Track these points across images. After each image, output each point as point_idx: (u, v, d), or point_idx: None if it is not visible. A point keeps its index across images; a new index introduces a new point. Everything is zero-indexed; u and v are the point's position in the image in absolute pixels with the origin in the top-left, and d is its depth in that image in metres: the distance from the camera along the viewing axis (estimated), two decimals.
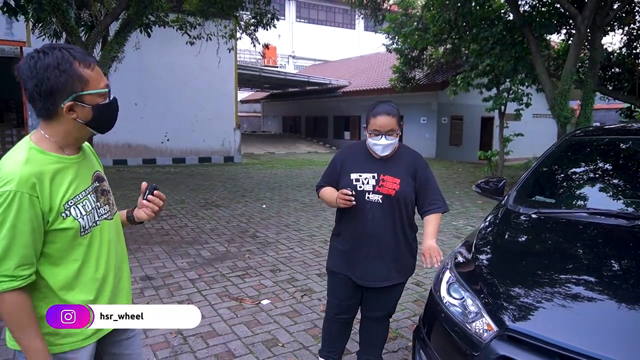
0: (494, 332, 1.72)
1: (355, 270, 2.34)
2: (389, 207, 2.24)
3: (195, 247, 5.34)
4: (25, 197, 1.23)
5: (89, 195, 1.42)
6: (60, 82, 1.26)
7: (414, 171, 2.31)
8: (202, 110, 14.68)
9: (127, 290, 1.61)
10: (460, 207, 8.16)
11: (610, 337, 1.56)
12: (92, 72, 1.32)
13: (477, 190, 3.07)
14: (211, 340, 3.13)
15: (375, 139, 2.23)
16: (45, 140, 1.33)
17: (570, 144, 3.11)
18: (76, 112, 1.31)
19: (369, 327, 2.53)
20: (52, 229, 1.31)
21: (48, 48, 1.28)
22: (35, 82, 1.25)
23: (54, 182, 1.30)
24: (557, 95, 9.10)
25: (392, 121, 2.22)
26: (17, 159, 1.27)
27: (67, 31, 7.45)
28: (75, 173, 1.38)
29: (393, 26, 15.39)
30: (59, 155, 1.35)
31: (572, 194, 2.76)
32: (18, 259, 1.24)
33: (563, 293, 1.80)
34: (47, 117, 1.32)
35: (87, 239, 1.40)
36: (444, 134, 18.33)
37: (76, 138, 1.39)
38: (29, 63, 1.26)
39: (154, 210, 1.60)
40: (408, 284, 4.24)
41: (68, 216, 1.33)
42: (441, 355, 1.96)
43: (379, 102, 2.30)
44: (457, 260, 2.21)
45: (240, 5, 10.76)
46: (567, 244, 2.20)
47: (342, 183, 2.31)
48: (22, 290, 1.26)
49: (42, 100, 1.27)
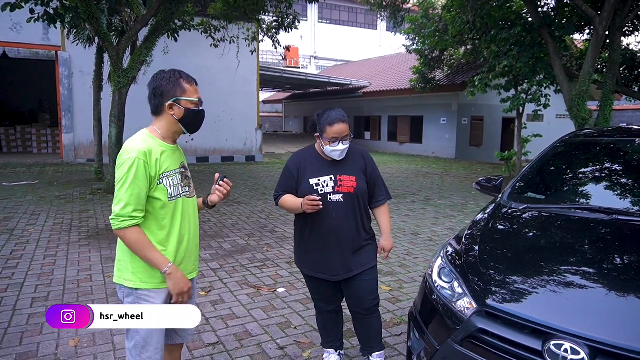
0: (475, 309, 1.96)
1: (326, 269, 2.51)
2: (350, 204, 2.45)
3: (217, 240, 5.69)
4: (141, 162, 1.79)
5: (177, 174, 1.95)
6: (168, 88, 1.87)
7: (364, 166, 2.53)
8: (225, 111, 15.12)
9: (196, 256, 2.10)
10: (475, 206, 8.31)
11: (577, 313, 1.78)
12: (190, 86, 1.91)
13: (477, 188, 3.29)
14: (230, 322, 3.44)
15: (333, 146, 2.39)
16: (154, 131, 1.93)
17: (565, 145, 3.30)
18: (174, 110, 1.89)
19: (362, 322, 2.63)
20: (152, 190, 1.84)
21: (169, 70, 1.92)
22: (154, 86, 1.88)
23: (157, 158, 1.85)
24: (574, 96, 9.12)
25: (346, 127, 2.41)
26: (137, 139, 1.87)
27: (99, 37, 7.94)
28: (170, 156, 1.93)
29: (413, 27, 15.52)
30: (162, 142, 1.92)
31: (561, 191, 2.96)
32: (134, 204, 1.78)
33: (538, 276, 2.03)
34: (157, 113, 1.91)
35: (173, 204, 1.92)
36: (464, 135, 18.33)
37: (173, 132, 1.95)
38: (155, 76, 1.91)
39: (224, 193, 2.11)
40: (414, 275, 4.49)
41: (161, 184, 1.87)
42: (431, 331, 2.21)
43: (328, 110, 2.48)
44: (447, 250, 2.46)
45: (262, 8, 11.12)
46: (550, 236, 2.41)
47: (303, 189, 2.44)
48: (138, 226, 1.81)
49: (156, 99, 1.88)
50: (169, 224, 1.92)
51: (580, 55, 12.40)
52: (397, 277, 4.46)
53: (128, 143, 1.86)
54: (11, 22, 11.55)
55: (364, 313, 2.60)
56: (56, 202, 7.70)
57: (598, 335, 1.62)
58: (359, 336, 2.75)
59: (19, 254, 4.95)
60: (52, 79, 14.06)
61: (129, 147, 1.83)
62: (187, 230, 1.99)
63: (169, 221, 1.92)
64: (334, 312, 2.73)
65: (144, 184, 1.81)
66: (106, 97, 10.19)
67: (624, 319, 1.69)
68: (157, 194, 1.86)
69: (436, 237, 6.08)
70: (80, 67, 12.86)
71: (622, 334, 1.61)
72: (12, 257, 4.82)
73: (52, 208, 7.26)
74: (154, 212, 1.87)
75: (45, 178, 10.30)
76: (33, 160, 13.28)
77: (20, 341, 3.07)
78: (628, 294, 1.83)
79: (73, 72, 13.01)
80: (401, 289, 4.17)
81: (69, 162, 13.13)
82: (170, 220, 1.92)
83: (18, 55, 14.72)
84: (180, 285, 1.88)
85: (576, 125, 9.27)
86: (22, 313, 3.50)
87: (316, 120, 2.51)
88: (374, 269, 2.59)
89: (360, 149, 2.61)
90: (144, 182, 1.80)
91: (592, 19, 8.87)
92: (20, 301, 3.73)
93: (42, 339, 3.09)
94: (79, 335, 3.15)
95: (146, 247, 1.82)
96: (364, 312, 2.59)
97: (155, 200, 1.87)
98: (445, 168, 14.82)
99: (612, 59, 9.56)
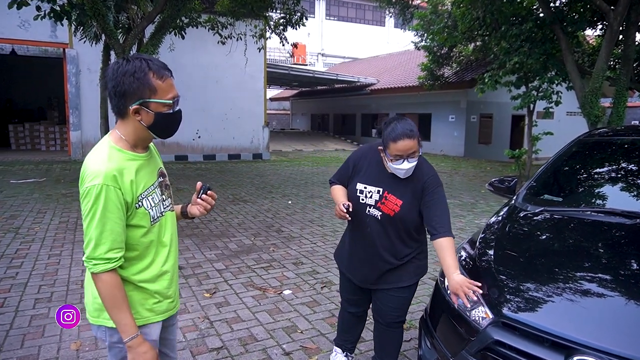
0: (490, 319, 1.86)
1: (356, 273, 2.45)
2: (387, 225, 2.25)
3: (223, 240, 5.61)
4: (110, 189, 1.42)
5: (156, 189, 1.61)
6: (132, 87, 1.45)
7: (421, 190, 2.20)
8: (232, 108, 15.06)
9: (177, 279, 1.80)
10: (484, 205, 8.17)
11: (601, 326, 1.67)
12: (162, 83, 1.48)
13: (490, 189, 3.18)
14: (235, 325, 3.36)
15: (397, 163, 2.11)
16: (120, 140, 1.53)
17: (582, 144, 3.17)
18: (141, 115, 1.49)
19: (381, 333, 2.52)
20: (129, 218, 1.50)
21: (132, 57, 1.49)
22: (114, 83, 1.46)
23: (132, 179, 1.50)
24: (587, 93, 8.92)
25: (414, 143, 2.09)
26: (101, 157, 1.47)
27: (106, 34, 7.87)
28: (145, 169, 1.57)
29: (422, 24, 15.34)
30: (133, 153, 1.54)
31: (579, 193, 2.84)
32: (110, 243, 1.43)
33: (558, 285, 1.92)
34: (119, 115, 1.52)
35: (156, 227, 1.59)
36: (473, 132, 18.12)
37: (141, 138, 1.56)
38: (113, 67, 1.48)
39: (206, 208, 1.75)
40: (425, 279, 4.37)
41: (140, 207, 1.53)
42: (443, 340, 2.11)
43: (396, 121, 2.14)
44: (461, 255, 2.35)
45: (270, 5, 11.02)
46: (569, 241, 2.30)
47: (350, 188, 2.35)
48: (114, 271, 1.46)
49: (115, 99, 1.48)
50: (153, 252, 1.59)
51: (592, 52, 12.16)
52: None
53: (90, 163, 1.46)
54: (19, 20, 11.56)
55: (384, 325, 2.48)
56: (62, 200, 7.68)
57: (625, 351, 1.51)
58: (375, 345, 2.63)
59: (23, 252, 4.91)
60: (60, 77, 14.07)
61: (92, 170, 1.44)
62: (173, 252, 1.69)
63: (154, 249, 1.60)
64: (356, 315, 2.65)
65: (118, 215, 1.45)
66: None
67: None
68: (136, 220, 1.52)
69: None
70: (87, 65, 12.85)
71: None
72: (16, 256, 4.78)
73: (58, 206, 7.23)
74: (134, 242, 1.53)
75: (52, 175, 10.30)
76: (41, 158, 13.32)
77: (21, 344, 3.01)
78: None
79: (80, 70, 13.01)
80: None
81: (76, 159, 13.14)
82: (155, 247, 1.60)
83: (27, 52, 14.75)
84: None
85: (588, 123, 9.08)
86: (25, 314, 3.45)
87: (382, 129, 2.18)
88: (410, 288, 2.40)
89: (430, 170, 2.25)
90: (118, 213, 1.45)
91: (606, 14, 8.66)
92: (23, 302, 3.68)
93: (44, 342, 3.03)
94: (81, 338, 3.08)
95: (118, 305, 1.46)
96: (385, 324, 2.47)
97: (135, 229, 1.52)
98: (453, 166, 14.65)
99: (626, 55, 9.34)
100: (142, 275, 1.58)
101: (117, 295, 1.46)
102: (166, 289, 1.65)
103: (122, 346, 1.55)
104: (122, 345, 1.54)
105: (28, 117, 16.68)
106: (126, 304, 1.49)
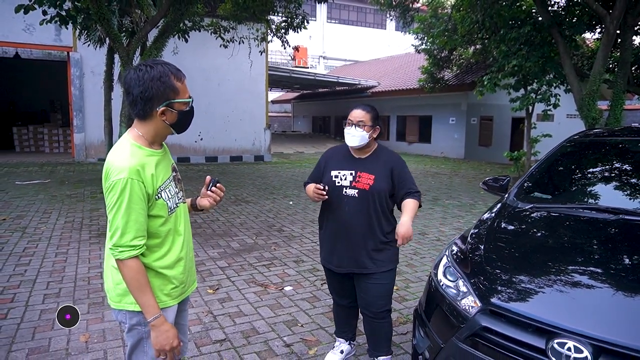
0: (479, 307, 1.98)
1: (332, 259, 2.59)
2: (364, 201, 2.47)
3: (225, 239, 5.73)
4: (134, 182, 1.56)
5: (171, 183, 1.75)
6: (160, 90, 1.58)
7: (390, 169, 2.52)
8: (234, 111, 15.20)
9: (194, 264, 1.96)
10: (483, 205, 8.28)
11: (580, 312, 1.78)
12: (181, 84, 1.65)
13: (484, 187, 3.29)
14: (238, 319, 3.48)
15: (347, 128, 2.51)
16: (139, 138, 1.67)
17: (572, 145, 3.28)
18: (166, 116, 1.64)
19: (371, 325, 2.64)
20: (150, 208, 1.64)
21: (153, 63, 1.61)
22: (141, 89, 1.57)
23: (152, 173, 1.63)
24: (585, 95, 9.04)
25: (364, 114, 2.50)
26: (124, 153, 1.60)
27: (110, 37, 8.02)
28: (161, 164, 1.71)
29: (422, 27, 15.48)
30: (151, 150, 1.68)
31: (568, 191, 2.95)
32: (134, 232, 1.57)
33: (542, 277, 2.03)
34: (143, 118, 1.64)
35: (173, 217, 1.74)
36: (473, 135, 18.22)
37: (160, 136, 1.71)
38: (137, 73, 1.58)
39: (216, 199, 1.91)
40: (421, 275, 4.50)
41: (159, 198, 1.66)
42: (436, 329, 2.22)
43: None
44: (452, 249, 2.47)
45: (271, 9, 11.16)
46: (555, 235, 2.41)
47: (324, 179, 2.57)
48: (138, 257, 1.60)
49: (142, 103, 1.59)
50: (170, 240, 1.73)
51: (590, 55, 12.28)
52: (404, 277, 4.46)
53: (115, 160, 1.59)
54: (24, 24, 11.72)
55: (371, 316, 2.60)
56: (67, 201, 7.81)
57: (601, 334, 1.62)
58: (367, 338, 2.76)
59: (31, 251, 5.04)
60: (63, 80, 14.23)
61: (117, 166, 1.56)
62: (187, 240, 1.84)
63: (171, 237, 1.74)
64: (347, 306, 2.78)
65: (141, 206, 1.58)
66: (117, 97, 10.32)
67: (628, 318, 1.69)
68: (156, 210, 1.65)
69: (443, 237, 6.07)
70: (91, 68, 13.01)
71: (626, 333, 1.61)
72: (24, 255, 4.90)
73: (63, 207, 7.36)
74: (155, 231, 1.67)
75: (56, 177, 10.44)
76: (45, 160, 13.46)
77: (32, 336, 3.13)
78: (633, 294, 1.83)
79: (84, 73, 13.16)
80: (407, 288, 4.18)
81: (80, 161, 13.29)
82: (172, 236, 1.74)
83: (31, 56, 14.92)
84: (166, 341, 1.62)
85: (586, 125, 9.19)
86: (35, 309, 3.57)
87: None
88: (389, 274, 2.56)
89: (393, 153, 2.64)
90: (141, 204, 1.58)
91: (602, 18, 8.79)
92: (33, 297, 3.80)
93: (54, 334, 3.15)
94: (90, 330, 3.20)
95: (142, 288, 1.60)
96: (372, 315, 2.60)
97: (155, 219, 1.66)
98: (453, 168, 14.76)
99: (623, 58, 9.46)
100: (162, 262, 1.71)
101: (141, 279, 1.60)
102: (181, 274, 1.79)
103: (140, 328, 1.69)
104: (140, 327, 1.69)
105: (32, 120, 16.83)
106: (149, 287, 1.62)
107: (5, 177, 10.16)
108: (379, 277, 2.52)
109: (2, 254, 4.88)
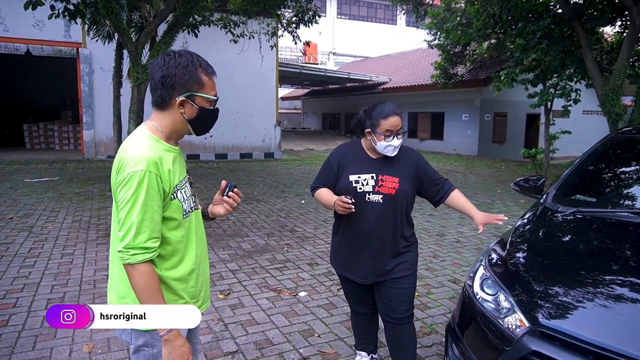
0: (526, 328, 1.74)
1: (355, 270, 2.38)
2: (389, 206, 2.27)
3: (236, 240, 5.53)
4: (152, 176, 1.39)
5: (186, 184, 1.58)
6: (183, 79, 1.44)
7: (414, 168, 2.34)
8: (244, 107, 15.01)
9: (209, 278, 1.76)
10: (501, 205, 7.99)
11: None
12: (209, 80, 1.49)
13: (515, 188, 3.04)
14: (250, 328, 3.27)
15: (389, 140, 2.23)
16: (156, 130, 1.50)
17: (615, 142, 3.02)
18: (185, 108, 1.48)
19: (393, 333, 2.46)
20: (164, 208, 1.46)
21: (183, 51, 1.49)
22: (164, 73, 1.44)
23: (169, 168, 1.47)
24: (608, 91, 8.68)
25: (400, 120, 2.26)
26: (141, 144, 1.44)
27: (119, 32, 7.86)
28: (177, 162, 1.54)
29: (435, 22, 15.14)
30: (168, 145, 1.52)
31: (614, 193, 2.69)
32: (149, 232, 1.39)
33: (600, 292, 1.79)
34: (161, 107, 1.49)
35: (187, 222, 1.55)
36: (487, 131, 17.85)
37: (177, 132, 1.53)
38: (164, 58, 1.46)
39: (232, 206, 1.71)
40: (444, 281, 4.26)
41: (175, 198, 1.49)
42: (473, 349, 1.99)
43: (379, 104, 2.32)
44: (490, 257, 2.23)
45: (282, 3, 10.93)
46: (607, 244, 2.16)
47: (341, 185, 2.32)
48: (150, 262, 1.41)
49: (162, 89, 1.45)
50: (183, 249, 1.53)
51: (611, 49, 11.86)
52: (425, 282, 4.22)
53: (131, 149, 1.42)
54: (34, 20, 11.63)
55: (393, 322, 2.41)
56: (75, 199, 7.67)
57: None
58: (390, 347, 2.54)
59: (36, 252, 4.88)
60: (73, 76, 14.16)
61: (134, 156, 1.39)
62: (203, 250, 1.66)
63: (184, 245, 1.54)
64: (367, 314, 2.60)
65: (157, 204, 1.41)
66: (125, 93, 10.14)
67: None
68: (169, 212, 1.47)
69: (463, 238, 5.82)
70: (100, 64, 12.89)
71: None
72: (30, 255, 4.75)
73: (71, 205, 7.23)
74: (167, 236, 1.48)
75: (65, 174, 10.34)
76: (55, 157, 13.41)
77: (33, 346, 2.95)
78: None
79: (94, 69, 13.06)
80: (430, 295, 3.94)
81: (89, 158, 13.21)
82: (185, 244, 1.55)
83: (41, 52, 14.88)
84: (181, 357, 1.43)
85: (609, 121, 8.84)
86: (37, 315, 3.40)
87: (363, 117, 2.36)
88: (410, 278, 2.38)
89: (410, 149, 2.44)
90: (158, 201, 1.41)
91: (628, 9, 8.42)
92: (36, 302, 3.63)
93: (56, 344, 2.97)
94: (93, 340, 3.02)
95: (155, 297, 1.41)
96: (394, 321, 2.41)
97: (168, 221, 1.47)
98: (467, 165, 14.44)
99: None
100: (173, 272, 1.52)
101: (154, 286, 1.41)
102: (193, 288, 1.60)
103: (147, 350, 1.49)
104: (148, 348, 1.49)
105: (42, 117, 16.83)
106: (162, 296, 1.43)
107: (14, 174, 10.09)
108: (403, 281, 2.36)
109: (7, 255, 4.73)
